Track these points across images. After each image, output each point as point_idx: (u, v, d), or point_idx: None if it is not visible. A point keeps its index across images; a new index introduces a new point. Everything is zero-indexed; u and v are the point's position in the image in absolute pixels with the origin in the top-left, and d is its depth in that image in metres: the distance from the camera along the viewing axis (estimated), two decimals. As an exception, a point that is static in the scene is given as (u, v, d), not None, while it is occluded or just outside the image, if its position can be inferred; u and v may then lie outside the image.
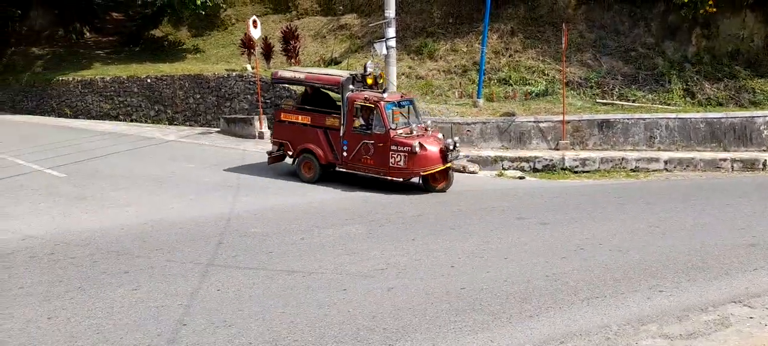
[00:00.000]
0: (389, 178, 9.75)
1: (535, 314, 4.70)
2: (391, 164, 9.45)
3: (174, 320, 4.63)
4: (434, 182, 9.61)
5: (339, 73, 10.76)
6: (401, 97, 10.25)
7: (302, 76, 10.70)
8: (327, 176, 10.15)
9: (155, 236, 6.97)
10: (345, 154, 9.91)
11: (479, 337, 4.32)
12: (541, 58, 15.77)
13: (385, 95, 9.66)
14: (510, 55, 16.20)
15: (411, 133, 9.60)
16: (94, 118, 19.62)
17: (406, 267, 5.85)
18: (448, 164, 9.45)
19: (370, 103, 9.56)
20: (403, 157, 9.31)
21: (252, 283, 5.44)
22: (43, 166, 11.43)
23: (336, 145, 10.02)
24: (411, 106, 10.30)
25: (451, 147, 9.42)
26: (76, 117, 20.02)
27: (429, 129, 9.91)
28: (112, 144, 14.24)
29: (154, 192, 9.41)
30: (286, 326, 4.51)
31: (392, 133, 9.43)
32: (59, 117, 20.19)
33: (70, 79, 20.38)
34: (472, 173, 11.80)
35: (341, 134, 9.94)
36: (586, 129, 13.11)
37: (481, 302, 4.95)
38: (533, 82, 15.21)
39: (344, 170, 10.20)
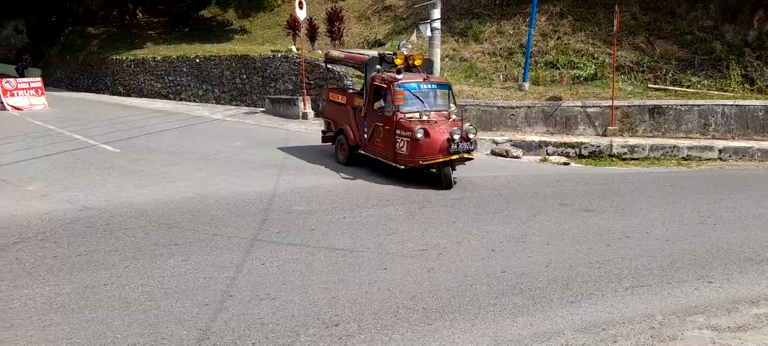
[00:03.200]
0: (394, 165, 8.78)
1: (577, 300, 4.65)
2: (397, 150, 8.66)
3: (221, 291, 4.81)
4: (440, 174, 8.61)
5: (373, 53, 10.25)
6: (425, 79, 9.04)
7: (343, 55, 10.74)
8: (366, 160, 10.02)
9: (203, 210, 7.22)
10: (365, 136, 9.44)
11: (518, 320, 4.31)
12: (590, 42, 15.33)
13: (399, 76, 8.79)
14: (558, 38, 15.80)
15: (425, 118, 8.61)
16: (145, 97, 20.32)
17: (446, 249, 5.87)
18: (452, 157, 8.28)
19: (384, 83, 8.91)
20: (405, 143, 8.46)
21: (295, 259, 5.57)
22: (99, 142, 11.94)
23: (361, 127, 9.65)
24: (443, 92, 9.17)
25: (463, 138, 8.31)
26: (128, 95, 20.77)
27: (453, 116, 8.93)
28: (162, 121, 14.73)
29: (202, 168, 9.70)
30: (328, 302, 4.62)
31: (399, 115, 8.56)
32: (113, 95, 21.01)
33: (124, 58, 21.13)
34: (516, 157, 11.64)
35: (362, 115, 9.53)
36: (636, 115, 12.71)
37: (521, 286, 4.93)
38: (582, 65, 14.81)
39: (364, 153, 9.59)
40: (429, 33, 13.55)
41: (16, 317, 4.37)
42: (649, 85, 13.86)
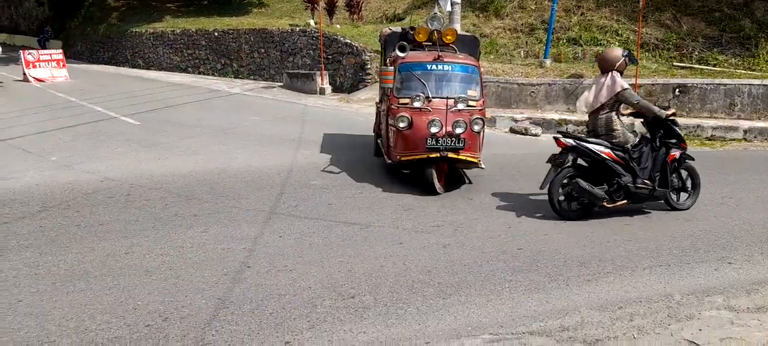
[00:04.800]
0: (388, 160, 7.39)
1: (594, 279, 4.63)
2: (389, 142, 7.33)
3: (239, 262, 4.88)
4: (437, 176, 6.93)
5: (414, 28, 8.35)
6: (436, 58, 7.26)
7: (388, 32, 8.89)
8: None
9: (221, 183, 7.29)
10: (381, 122, 8.24)
11: (534, 296, 4.31)
12: (615, 18, 15.00)
13: (402, 54, 7.32)
14: (582, 14, 15.48)
15: (417, 104, 6.87)
16: (164, 70, 20.44)
17: (462, 225, 5.86)
18: (430, 155, 6.70)
19: (390, 64, 7.53)
20: (392, 134, 7.09)
21: (312, 232, 5.61)
22: (119, 114, 12.08)
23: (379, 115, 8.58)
24: (466, 75, 7.32)
25: (448, 133, 6.64)
26: (148, 68, 20.90)
27: (460, 103, 6.87)
28: (181, 95, 14.83)
29: (221, 141, 9.77)
30: (344, 274, 4.66)
31: (393, 100, 7.14)
32: (133, 67, 21.16)
33: (143, 31, 21.22)
34: (535, 135, 11.52)
35: (378, 100, 8.74)
36: (659, 93, 12.45)
37: (538, 263, 4.91)
38: (605, 42, 14.52)
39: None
40: (449, 8, 13.35)
41: (41, 282, 4.49)
42: (674, 63, 13.55)
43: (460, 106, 6.84)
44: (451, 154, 6.66)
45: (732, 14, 14.26)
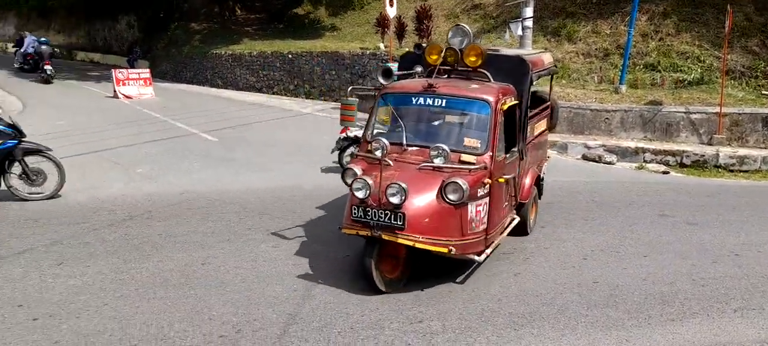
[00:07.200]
0: None
1: (678, 319, 4.34)
2: None
3: (308, 279, 4.95)
4: (379, 262, 4.67)
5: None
6: (426, 87, 5.15)
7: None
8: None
9: (293, 199, 7.46)
10: None
11: (613, 335, 4.09)
12: (696, 43, 14.28)
13: (384, 81, 5.54)
14: (660, 39, 14.85)
15: (380, 153, 4.80)
16: (240, 89, 21.32)
17: (533, 253, 5.69)
18: (363, 232, 4.57)
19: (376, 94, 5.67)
20: None
21: (380, 253, 5.61)
22: (199, 130, 12.67)
23: None
24: (466, 116, 5.15)
25: (382, 204, 4.43)
26: (226, 87, 21.89)
27: (439, 158, 4.76)
28: (256, 114, 15.40)
29: (292, 160, 10.03)
30: (411, 299, 4.62)
31: (364, 145, 5.31)
32: (212, 87, 22.21)
33: (222, 52, 22.29)
34: (609, 163, 11.08)
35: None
36: (746, 123, 11.69)
37: (616, 298, 4.68)
38: (686, 69, 13.82)
39: None
40: (520, 32, 13.17)
41: (125, 287, 4.74)
42: (763, 92, 12.69)
43: (438, 161, 4.76)
44: (384, 235, 4.45)
45: (832, 40, 13.24)
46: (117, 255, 5.43)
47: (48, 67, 20.66)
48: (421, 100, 5.19)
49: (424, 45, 6.23)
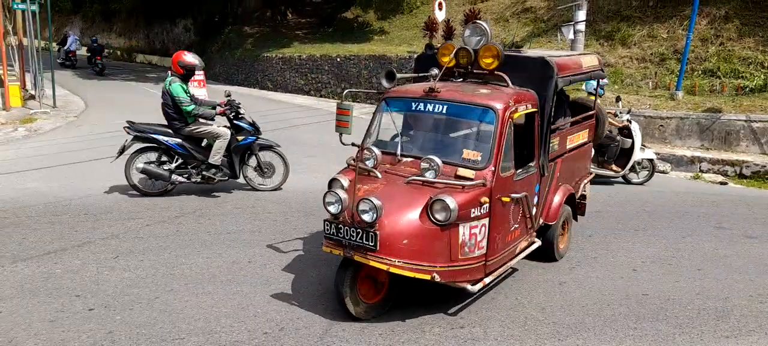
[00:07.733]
0: None
1: (733, 336, 4.15)
2: None
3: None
4: (356, 285, 4.28)
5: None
6: (427, 92, 4.70)
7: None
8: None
9: (337, 202, 7.54)
10: None
11: (662, 349, 3.96)
12: (760, 49, 13.59)
13: (387, 84, 4.82)
14: (721, 44, 14.21)
15: (370, 164, 4.68)
16: (289, 92, 21.75)
17: (580, 263, 5.56)
18: (336, 251, 4.14)
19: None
20: None
21: (422, 257, 5.60)
22: (248, 131, 13.00)
23: None
24: (468, 126, 4.61)
25: (354, 221, 4.00)
26: (275, 90, 22.38)
27: (430, 172, 4.28)
28: (304, 116, 15.67)
29: (339, 162, 10.11)
30: (454, 302, 4.59)
31: (360, 154, 4.76)
32: (262, 89, 22.76)
33: (273, 55, 22.80)
34: (663, 172, 10.69)
35: None
36: (815, 133, 11.05)
37: (667, 312, 4.51)
38: (748, 75, 13.18)
39: None
40: (571, 36, 12.90)
41: (176, 282, 4.91)
42: (836, 100, 11.96)
43: (429, 175, 4.27)
44: (356, 256, 4.00)
45: None
46: (169, 250, 5.64)
47: (99, 61, 25.44)
48: (421, 106, 4.72)
49: (436, 46, 5.37)
